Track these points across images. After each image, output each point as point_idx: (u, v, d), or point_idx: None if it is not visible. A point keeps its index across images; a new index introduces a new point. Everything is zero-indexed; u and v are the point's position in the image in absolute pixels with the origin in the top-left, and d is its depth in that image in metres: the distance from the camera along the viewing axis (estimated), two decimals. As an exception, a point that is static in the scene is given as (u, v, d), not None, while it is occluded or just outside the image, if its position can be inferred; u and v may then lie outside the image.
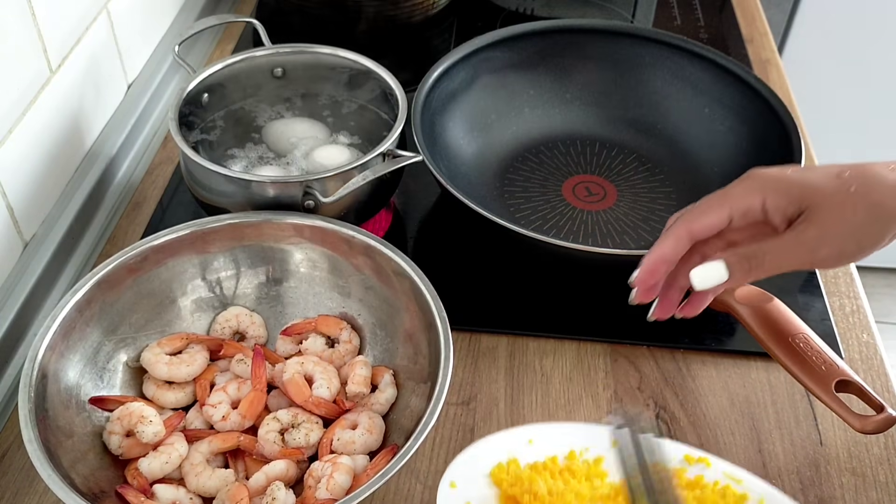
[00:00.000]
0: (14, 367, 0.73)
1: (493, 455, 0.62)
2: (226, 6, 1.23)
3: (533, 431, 0.64)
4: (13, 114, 0.74)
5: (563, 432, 0.65)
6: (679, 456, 0.63)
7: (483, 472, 0.61)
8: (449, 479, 0.59)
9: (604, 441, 0.63)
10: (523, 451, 0.62)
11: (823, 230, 0.54)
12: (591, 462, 0.63)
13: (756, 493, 0.60)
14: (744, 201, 0.56)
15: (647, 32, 0.98)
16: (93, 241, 0.86)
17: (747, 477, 0.61)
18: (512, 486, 0.59)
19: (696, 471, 0.62)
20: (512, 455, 0.62)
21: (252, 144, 0.86)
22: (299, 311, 0.75)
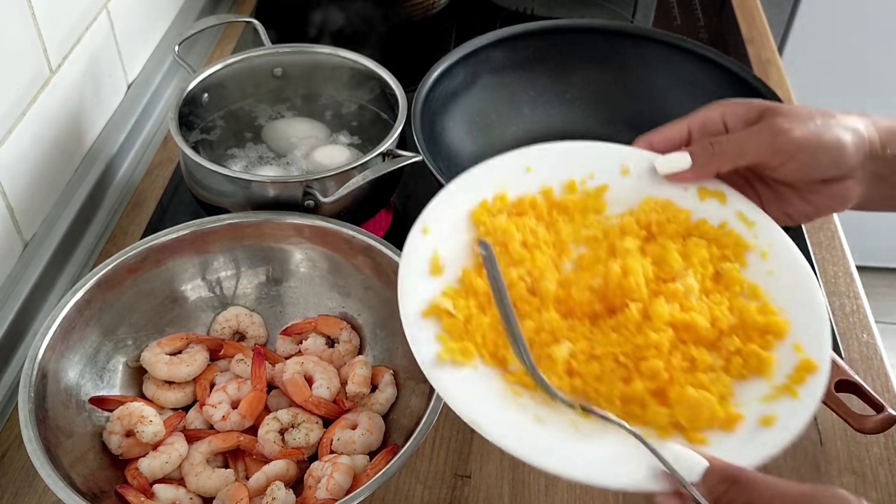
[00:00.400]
0: (14, 367, 0.73)
1: (482, 187, 0.59)
2: (226, 6, 1.23)
3: (533, 157, 0.60)
4: (13, 114, 0.74)
5: (567, 157, 0.61)
6: (693, 188, 0.59)
7: (464, 212, 0.58)
8: (422, 224, 0.56)
9: (613, 166, 0.60)
10: (517, 181, 0.59)
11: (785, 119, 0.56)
12: (593, 192, 0.60)
13: (764, 240, 0.57)
14: (702, 114, 0.59)
15: (647, 32, 0.98)
16: (93, 241, 0.86)
17: (762, 220, 0.58)
18: (487, 234, 0.57)
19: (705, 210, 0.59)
20: (502, 188, 0.59)
21: (252, 144, 0.86)
22: (299, 311, 0.75)
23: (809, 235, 0.89)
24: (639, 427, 0.50)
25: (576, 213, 0.59)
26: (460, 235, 0.57)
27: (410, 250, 0.55)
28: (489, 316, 0.54)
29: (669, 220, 0.58)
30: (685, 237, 0.58)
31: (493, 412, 0.50)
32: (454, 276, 0.55)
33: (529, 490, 0.67)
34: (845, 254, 0.87)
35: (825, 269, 0.85)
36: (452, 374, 0.51)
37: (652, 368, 0.51)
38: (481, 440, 0.69)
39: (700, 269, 0.56)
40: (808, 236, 0.88)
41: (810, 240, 0.88)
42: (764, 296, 0.55)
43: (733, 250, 0.58)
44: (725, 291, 0.56)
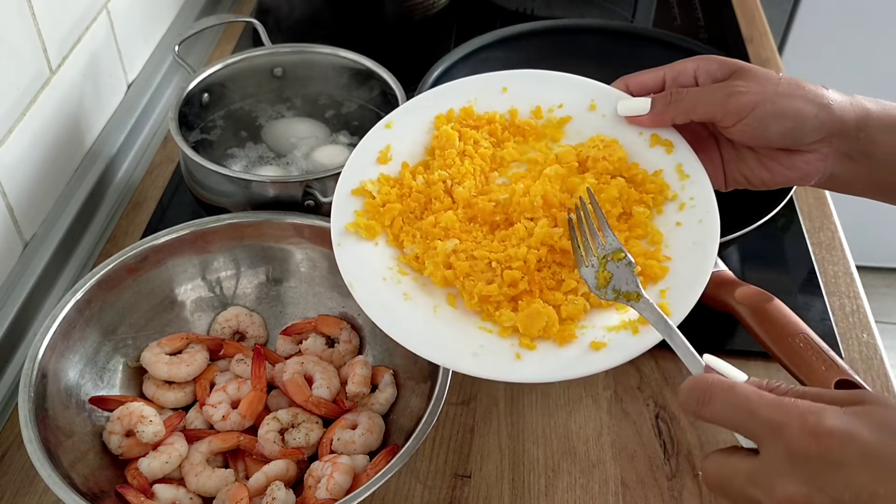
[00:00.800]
0: (14, 367, 0.73)
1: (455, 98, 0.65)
2: (226, 6, 1.23)
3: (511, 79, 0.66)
4: (13, 114, 0.74)
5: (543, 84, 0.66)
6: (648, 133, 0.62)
7: (430, 116, 0.65)
8: (388, 120, 0.64)
9: (583, 100, 0.64)
10: (490, 98, 0.65)
11: (746, 83, 0.57)
12: (556, 121, 0.65)
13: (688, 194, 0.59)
14: (678, 65, 0.61)
15: (647, 32, 0.98)
16: (93, 241, 0.86)
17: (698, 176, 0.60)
18: (435, 138, 0.64)
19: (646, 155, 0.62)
20: (472, 101, 0.65)
21: (252, 144, 0.86)
22: (299, 311, 0.75)
23: (809, 235, 0.89)
24: (487, 323, 0.57)
25: (530, 138, 0.64)
26: (419, 136, 0.64)
27: (368, 138, 0.63)
28: (404, 205, 0.61)
29: (604, 158, 0.62)
30: (613, 176, 0.61)
31: (371, 281, 0.58)
32: (395, 168, 0.63)
33: (529, 490, 0.67)
34: (845, 254, 0.87)
35: (825, 269, 0.85)
36: (354, 245, 0.60)
37: (512, 277, 0.57)
38: (481, 440, 0.70)
39: (608, 206, 0.59)
40: (808, 236, 0.88)
41: (810, 240, 0.88)
42: (662, 243, 0.58)
43: (654, 197, 0.60)
44: (627, 231, 0.59)
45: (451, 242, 0.59)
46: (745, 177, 0.62)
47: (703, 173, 0.60)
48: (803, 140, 0.57)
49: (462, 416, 0.72)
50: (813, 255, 0.86)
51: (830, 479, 0.39)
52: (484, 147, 0.63)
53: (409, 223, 0.62)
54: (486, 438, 0.70)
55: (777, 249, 0.87)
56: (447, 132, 0.63)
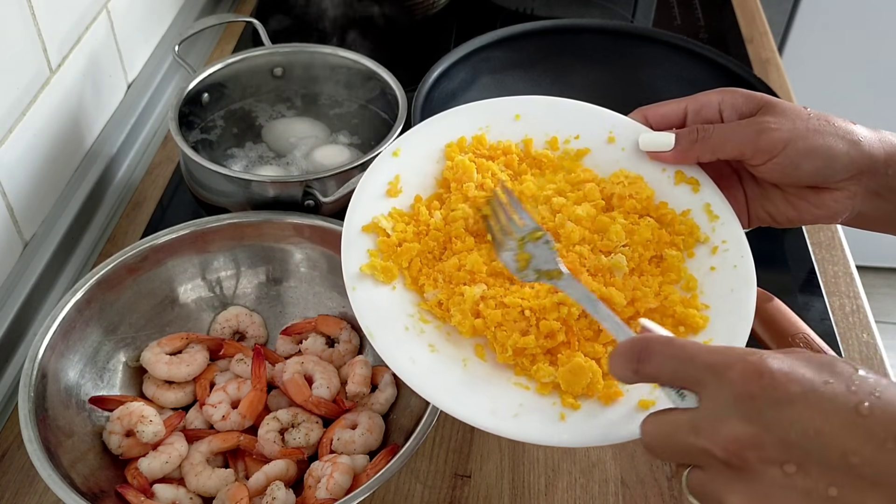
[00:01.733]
0: (14, 367, 0.73)
1: (466, 125, 0.60)
2: (226, 6, 1.23)
3: (525, 105, 0.61)
4: (13, 113, 0.74)
5: (558, 112, 0.62)
6: (672, 170, 0.59)
7: (440, 144, 0.59)
8: (395, 147, 0.58)
9: (602, 131, 0.60)
10: (502, 126, 0.60)
11: (776, 119, 0.55)
12: (573, 153, 0.61)
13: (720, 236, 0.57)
14: (703, 98, 0.59)
15: (647, 32, 0.98)
16: (93, 241, 0.86)
17: (727, 217, 0.58)
18: (449, 169, 0.58)
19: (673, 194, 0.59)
20: (484, 129, 0.60)
21: (252, 144, 0.86)
22: (299, 311, 0.75)
23: (809, 235, 0.89)
24: (523, 378, 0.52)
25: (547, 171, 0.60)
26: (429, 165, 0.58)
27: (375, 168, 0.57)
28: (422, 244, 0.56)
29: (631, 196, 0.59)
30: (641, 215, 0.58)
31: (394, 330, 0.52)
32: (407, 201, 0.57)
33: (529, 490, 0.67)
34: (845, 254, 0.87)
35: (825, 269, 0.85)
36: (370, 289, 0.54)
37: (549, 328, 0.53)
38: (481, 440, 0.70)
39: (640, 249, 0.56)
40: (808, 236, 0.88)
41: (810, 240, 0.88)
42: (697, 289, 0.55)
43: (685, 239, 0.58)
44: (660, 276, 0.56)
45: (478, 288, 0.54)
46: (770, 215, 0.60)
47: (732, 214, 0.57)
48: (833, 178, 0.55)
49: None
50: (813, 254, 0.86)
51: (776, 418, 0.39)
52: (503, 180, 0.59)
53: (427, 265, 0.56)
54: (486, 438, 0.70)
55: (777, 249, 0.87)
56: (464, 164, 0.58)
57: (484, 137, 0.60)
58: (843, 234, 0.90)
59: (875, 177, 0.56)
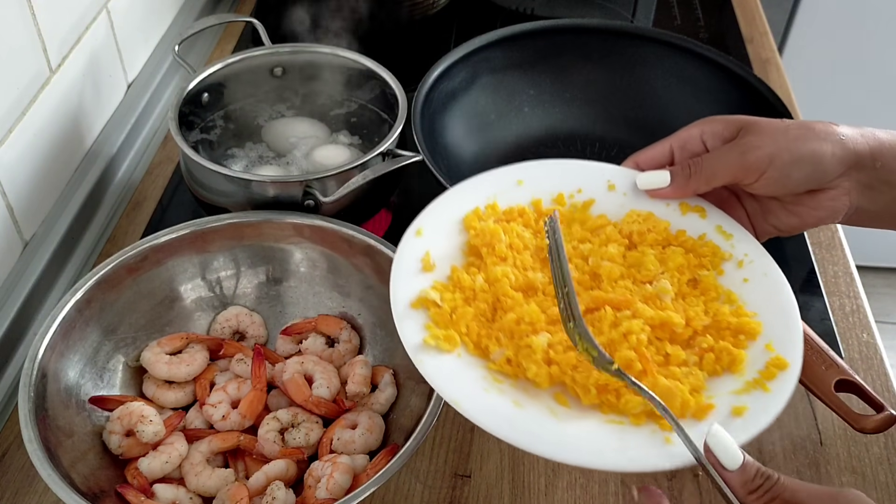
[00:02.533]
0: (14, 367, 0.73)
1: (474, 197, 0.62)
2: (226, 6, 1.23)
3: (524, 171, 0.64)
4: (13, 113, 0.74)
5: (557, 172, 0.64)
6: (675, 203, 0.63)
7: (457, 217, 0.61)
8: (416, 227, 0.60)
9: (600, 182, 0.63)
10: (509, 192, 0.63)
11: (757, 137, 0.57)
12: (580, 205, 0.63)
13: (740, 251, 0.60)
14: (684, 133, 0.61)
15: (647, 32, 0.98)
16: (93, 241, 0.86)
17: (739, 233, 0.61)
18: (476, 236, 0.60)
19: (685, 223, 0.62)
20: (493, 198, 0.62)
21: (252, 144, 0.86)
22: (299, 311, 0.75)
23: (809, 235, 0.89)
24: (613, 415, 0.52)
25: (562, 223, 0.61)
26: (451, 239, 0.60)
27: (403, 249, 0.59)
28: (474, 308, 0.57)
29: (650, 230, 0.61)
30: (664, 246, 0.61)
31: (475, 395, 0.52)
32: (444, 273, 0.58)
33: (529, 490, 0.67)
34: (845, 254, 0.87)
35: (825, 269, 0.85)
36: (437, 359, 0.54)
37: (626, 358, 0.53)
38: (481, 440, 0.70)
39: (677, 274, 0.59)
40: (808, 236, 0.88)
41: (810, 240, 0.88)
42: (739, 301, 0.58)
43: (710, 259, 0.60)
44: (701, 296, 0.58)
45: (543, 337, 0.55)
46: (775, 226, 0.62)
47: (743, 230, 0.61)
48: (825, 179, 0.57)
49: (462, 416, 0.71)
50: (813, 254, 0.86)
51: None
52: (528, 237, 0.60)
53: (484, 326, 0.56)
54: (486, 438, 0.70)
55: (777, 249, 0.86)
56: (490, 228, 0.59)
57: (496, 205, 0.62)
58: (843, 234, 0.90)
59: (864, 171, 0.58)
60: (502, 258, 0.58)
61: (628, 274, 0.58)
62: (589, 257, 0.59)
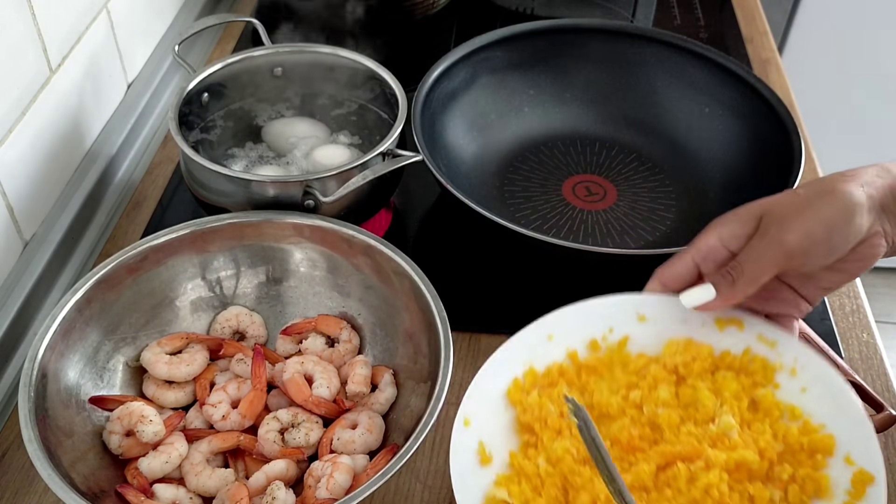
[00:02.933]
0: (14, 367, 0.73)
1: (510, 367, 0.60)
2: (226, 6, 1.23)
3: (552, 325, 0.61)
4: (13, 113, 0.74)
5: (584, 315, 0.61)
6: (710, 320, 0.60)
7: (499, 393, 0.59)
8: (463, 416, 0.57)
9: (630, 315, 0.61)
10: (542, 352, 0.60)
11: (783, 222, 0.55)
12: (615, 346, 0.61)
13: (789, 357, 0.58)
14: (702, 243, 0.58)
15: (647, 32, 0.98)
16: (93, 241, 0.86)
17: (782, 337, 0.59)
18: (524, 412, 0.58)
19: (726, 340, 0.59)
20: (529, 362, 0.60)
21: (252, 144, 0.86)
22: (299, 311, 0.75)
23: (809, 235, 0.88)
24: None
25: (604, 371, 0.60)
26: (499, 418, 0.58)
27: (457, 446, 0.56)
28: (545, 497, 0.54)
29: (694, 359, 0.59)
30: (713, 372, 0.58)
31: None
32: (502, 461, 0.56)
33: (529, 490, 0.67)
34: (845, 253, 0.87)
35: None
36: None
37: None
38: (481, 440, 0.69)
39: (734, 402, 0.56)
40: (808, 236, 0.88)
41: (810, 239, 0.88)
42: (803, 414, 0.55)
43: (762, 375, 0.58)
44: (765, 418, 0.56)
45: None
46: (825, 289, 0.60)
47: (784, 333, 0.58)
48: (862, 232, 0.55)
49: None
50: (813, 254, 0.86)
51: None
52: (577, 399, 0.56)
53: None
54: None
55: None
56: (536, 401, 0.57)
57: (534, 370, 0.60)
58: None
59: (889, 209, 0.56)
60: (557, 431, 0.56)
61: (687, 416, 0.56)
62: (643, 405, 0.57)
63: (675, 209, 0.90)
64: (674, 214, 0.89)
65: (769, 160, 0.85)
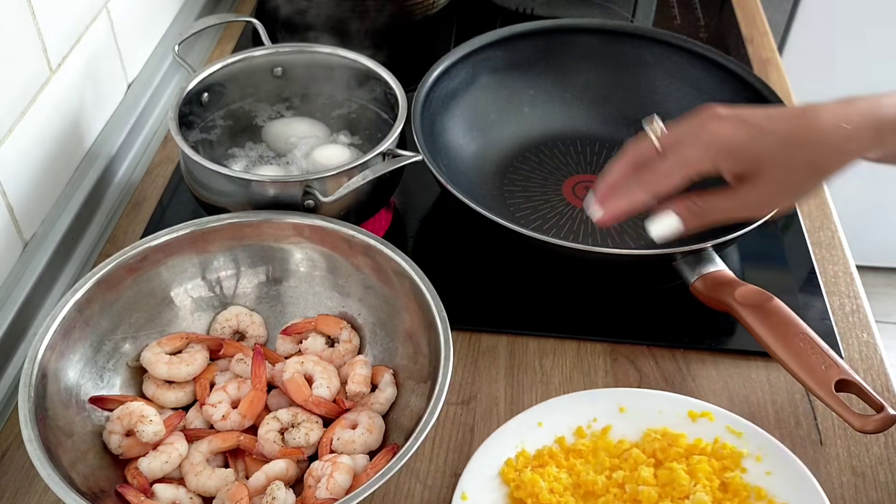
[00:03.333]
0: (14, 367, 0.73)
1: (503, 448, 0.66)
2: (226, 6, 1.23)
3: (541, 413, 0.68)
4: (13, 113, 0.74)
5: (571, 406, 0.68)
6: (683, 412, 0.68)
7: (493, 472, 0.65)
8: (461, 491, 0.63)
9: (611, 406, 0.68)
10: (532, 437, 0.67)
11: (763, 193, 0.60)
12: (599, 433, 0.67)
13: (754, 446, 0.65)
14: (700, 166, 0.61)
15: (647, 32, 0.98)
16: (93, 241, 0.86)
17: (747, 429, 0.66)
18: (517, 488, 0.63)
19: (697, 430, 0.66)
20: (521, 445, 0.66)
21: (252, 144, 0.86)
22: (299, 311, 0.75)
23: (809, 235, 0.89)
24: None
25: (589, 455, 0.66)
26: (494, 494, 0.63)
27: None
28: None
29: (671, 445, 0.65)
30: (687, 457, 0.65)
31: None
32: None
33: (529, 490, 0.67)
34: (845, 253, 0.87)
35: (825, 269, 0.85)
36: None
37: None
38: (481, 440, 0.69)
39: (707, 482, 0.62)
40: (808, 236, 0.88)
41: (810, 239, 0.88)
42: (768, 495, 0.62)
43: (731, 460, 0.64)
44: (734, 498, 0.62)
45: None
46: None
47: (749, 425, 0.66)
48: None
49: (462, 416, 0.72)
50: (813, 254, 0.86)
51: None
52: (564, 478, 0.64)
53: None
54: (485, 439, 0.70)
55: (777, 249, 0.87)
56: (528, 478, 0.63)
57: (525, 452, 0.66)
58: (843, 234, 0.90)
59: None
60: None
61: (665, 493, 0.62)
62: (625, 484, 0.62)
63: (675, 209, 0.90)
64: (674, 214, 0.89)
65: (769, 160, 0.85)
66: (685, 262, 0.74)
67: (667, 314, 0.80)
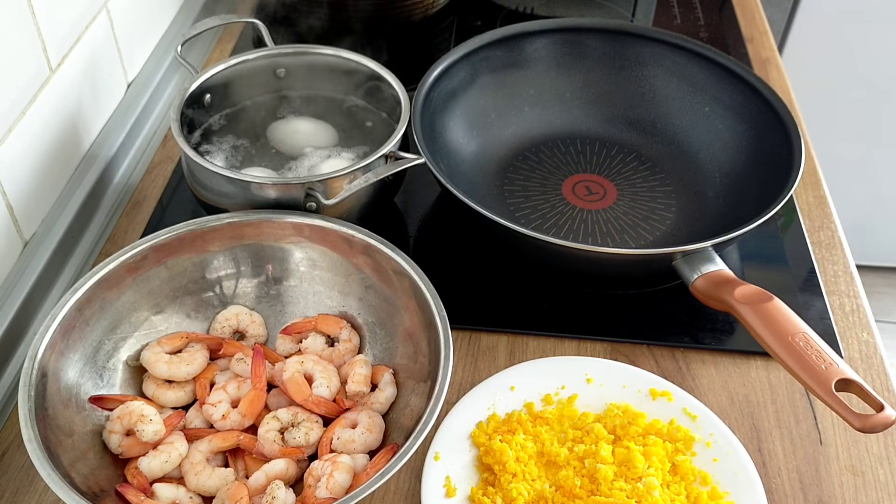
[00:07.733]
0: (14, 367, 0.73)
1: (476, 409, 0.69)
2: (225, 6, 1.23)
3: (515, 376, 0.72)
4: (13, 113, 0.74)
5: (542, 371, 0.72)
6: (645, 389, 0.71)
7: (465, 433, 0.68)
8: (434, 451, 0.66)
9: (580, 376, 0.72)
10: (503, 400, 0.70)
11: None
12: (566, 401, 0.71)
13: (706, 431, 0.68)
14: None
15: (647, 31, 0.98)
16: (92, 240, 0.86)
17: (703, 413, 0.69)
18: (486, 454, 0.66)
19: (656, 409, 0.70)
20: (493, 408, 0.70)
21: (253, 144, 0.86)
22: (299, 310, 0.75)
23: (809, 235, 0.89)
24: None
25: (554, 423, 0.69)
26: (464, 456, 0.67)
27: (428, 476, 0.65)
28: None
29: (630, 423, 0.68)
30: (644, 436, 0.68)
31: None
32: (465, 494, 0.65)
33: (529, 489, 0.67)
34: (845, 253, 0.87)
35: (825, 269, 0.85)
36: None
37: None
38: (481, 439, 0.70)
39: (660, 465, 0.65)
40: (808, 235, 0.88)
41: (810, 239, 0.88)
42: (712, 481, 0.65)
43: (684, 443, 0.67)
44: (682, 481, 0.65)
45: None
46: None
47: (706, 410, 0.69)
48: None
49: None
50: (813, 254, 0.87)
51: None
52: (530, 447, 0.67)
53: None
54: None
55: (777, 249, 0.87)
56: (497, 446, 0.65)
57: (496, 415, 0.69)
58: (843, 233, 0.90)
59: None
60: (513, 475, 0.64)
61: (620, 473, 0.65)
62: (585, 459, 0.66)
63: (674, 208, 0.90)
64: (674, 214, 0.89)
65: (769, 160, 0.85)
66: (685, 261, 0.74)
67: (667, 314, 0.80)
